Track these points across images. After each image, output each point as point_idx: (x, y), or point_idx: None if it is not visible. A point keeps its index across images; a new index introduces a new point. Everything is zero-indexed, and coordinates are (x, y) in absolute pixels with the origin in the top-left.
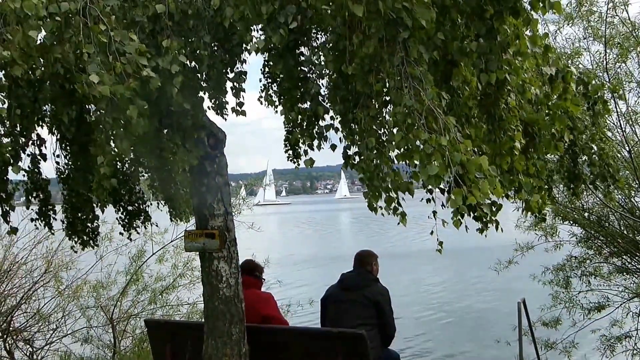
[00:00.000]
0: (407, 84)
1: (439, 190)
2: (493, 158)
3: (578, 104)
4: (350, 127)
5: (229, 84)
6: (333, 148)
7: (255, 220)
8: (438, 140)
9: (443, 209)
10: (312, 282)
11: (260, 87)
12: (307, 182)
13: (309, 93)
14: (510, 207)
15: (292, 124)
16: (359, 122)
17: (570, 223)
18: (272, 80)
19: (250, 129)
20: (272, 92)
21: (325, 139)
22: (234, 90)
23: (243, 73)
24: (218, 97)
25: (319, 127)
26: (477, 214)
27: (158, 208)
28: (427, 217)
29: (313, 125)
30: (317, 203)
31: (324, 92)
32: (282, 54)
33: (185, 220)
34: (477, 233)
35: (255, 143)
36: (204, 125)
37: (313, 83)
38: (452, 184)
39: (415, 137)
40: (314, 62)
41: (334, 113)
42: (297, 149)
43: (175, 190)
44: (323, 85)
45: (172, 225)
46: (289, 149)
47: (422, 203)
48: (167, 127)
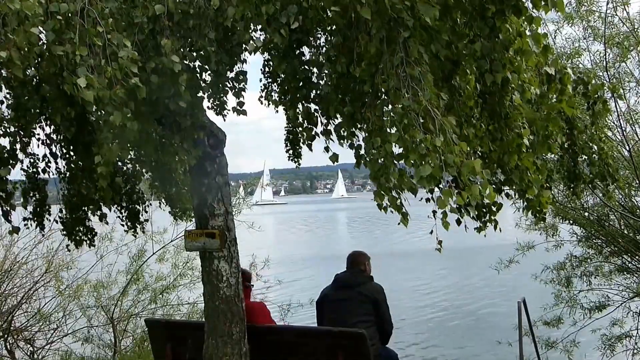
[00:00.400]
0: (405, 84)
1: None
2: (500, 156)
3: (573, 106)
4: (357, 126)
5: (229, 84)
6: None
7: (249, 220)
8: (433, 141)
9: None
10: (311, 282)
11: (261, 87)
12: (307, 181)
13: (314, 93)
14: (510, 207)
15: (292, 124)
16: (367, 122)
17: (571, 222)
18: (272, 80)
19: (250, 129)
20: (273, 91)
21: (330, 134)
22: (235, 90)
23: (243, 73)
24: (218, 96)
25: (324, 126)
26: (477, 214)
27: (160, 207)
28: (426, 216)
29: (315, 125)
30: (314, 203)
31: (327, 92)
32: (285, 54)
33: (187, 220)
34: (477, 233)
35: (255, 143)
36: (204, 125)
37: (317, 83)
38: (446, 185)
39: (412, 137)
40: (320, 62)
41: (339, 114)
42: (297, 149)
43: (177, 190)
44: (327, 85)
45: (172, 225)
46: (290, 149)
47: (421, 202)
48: (166, 127)
